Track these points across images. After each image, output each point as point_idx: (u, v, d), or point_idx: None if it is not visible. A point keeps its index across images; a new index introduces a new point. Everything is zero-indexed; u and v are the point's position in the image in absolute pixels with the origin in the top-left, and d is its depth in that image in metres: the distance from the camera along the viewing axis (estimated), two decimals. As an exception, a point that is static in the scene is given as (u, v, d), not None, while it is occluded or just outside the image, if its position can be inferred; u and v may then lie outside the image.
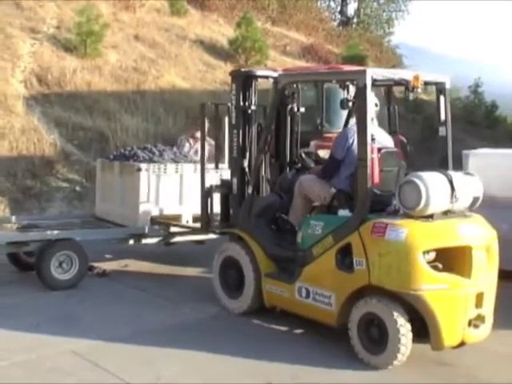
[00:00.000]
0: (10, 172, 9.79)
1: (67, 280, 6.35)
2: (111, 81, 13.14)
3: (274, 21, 22.95)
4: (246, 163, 5.94)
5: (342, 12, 33.07)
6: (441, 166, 5.21)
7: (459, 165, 7.42)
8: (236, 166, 6.00)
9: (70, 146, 10.97)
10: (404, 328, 4.46)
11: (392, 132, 8.24)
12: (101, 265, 7.12)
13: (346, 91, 5.70)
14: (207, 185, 6.45)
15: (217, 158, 6.83)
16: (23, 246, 6.52)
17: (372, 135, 4.73)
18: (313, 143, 8.03)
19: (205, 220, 6.41)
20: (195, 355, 4.77)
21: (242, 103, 5.96)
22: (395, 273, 4.45)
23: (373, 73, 4.81)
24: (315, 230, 5.00)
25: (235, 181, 5.97)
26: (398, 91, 10.36)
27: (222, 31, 19.02)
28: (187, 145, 9.15)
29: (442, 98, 5.32)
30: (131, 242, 7.02)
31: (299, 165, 6.12)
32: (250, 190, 5.77)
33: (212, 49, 17.25)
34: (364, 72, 4.79)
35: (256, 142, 5.97)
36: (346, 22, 31.91)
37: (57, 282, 6.30)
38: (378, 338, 4.57)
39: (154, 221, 7.05)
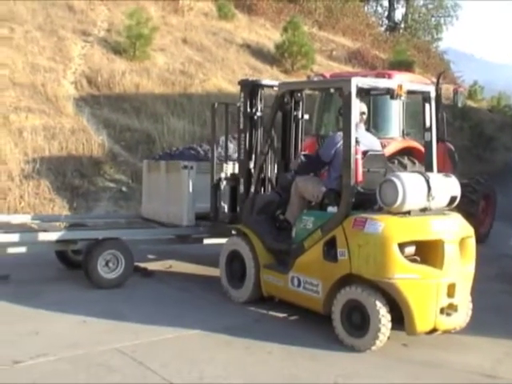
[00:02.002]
0: (60, 171, 10.01)
1: (113, 279, 6.46)
2: (159, 83, 13.34)
3: (320, 25, 22.95)
4: (251, 165, 6.48)
5: (389, 17, 32.84)
6: (426, 168, 5.65)
7: (508, 173, 7.30)
8: (243, 168, 6.57)
9: (118, 147, 11.16)
10: (383, 313, 4.84)
11: (440, 139, 8.14)
12: (145, 265, 7.21)
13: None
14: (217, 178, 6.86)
15: (226, 155, 7.06)
16: (71, 244, 6.65)
17: (356, 138, 5.18)
18: None
19: (214, 211, 6.86)
20: (239, 357, 4.79)
21: (248, 110, 6.51)
22: (372, 262, 4.88)
23: (358, 81, 5.24)
24: (307, 225, 5.50)
25: (242, 181, 6.51)
26: (445, 98, 10.24)
27: (268, 35, 19.11)
28: (231, 146, 9.18)
29: (427, 106, 5.71)
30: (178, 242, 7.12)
31: None
32: (252, 188, 6.28)
33: (258, 53, 17.34)
34: (349, 81, 5.21)
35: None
36: (393, 27, 31.67)
37: (103, 281, 6.41)
38: (359, 322, 4.97)
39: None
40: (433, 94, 5.73)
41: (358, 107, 5.40)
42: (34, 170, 9.73)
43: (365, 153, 5.43)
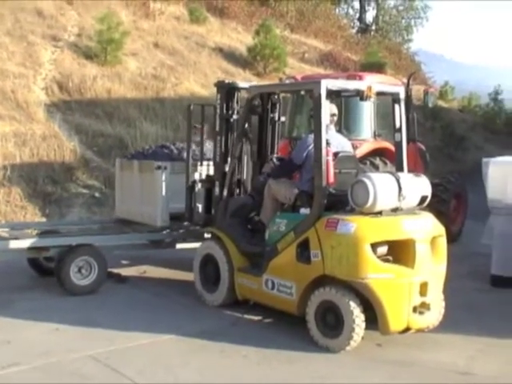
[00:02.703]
0: (31, 178, 9.90)
1: (86, 285, 6.40)
2: (131, 88, 13.27)
3: (292, 28, 23.02)
4: (227, 168, 6.41)
5: (360, 19, 33.07)
6: (397, 169, 5.70)
7: (479, 172, 7.39)
8: (218, 170, 6.52)
9: (90, 152, 11.08)
10: (357, 313, 4.88)
11: (411, 140, 8.21)
12: (119, 271, 7.16)
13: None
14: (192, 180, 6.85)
15: (201, 156, 7.01)
16: (43, 252, 6.58)
17: (327, 140, 5.23)
18: None
19: (188, 212, 6.84)
20: (214, 362, 4.79)
21: (225, 112, 6.48)
22: (345, 263, 4.91)
23: (327, 83, 5.28)
24: (280, 227, 5.53)
25: (217, 183, 6.47)
26: (416, 99, 10.34)
27: (240, 39, 19.12)
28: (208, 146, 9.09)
29: (396, 107, 5.74)
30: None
31: None
32: (225, 192, 6.27)
33: (231, 56, 17.35)
34: (319, 83, 5.25)
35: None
36: (364, 29, 31.90)
37: (76, 288, 6.35)
38: (333, 323, 4.99)
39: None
40: (402, 95, 5.77)
41: (328, 109, 5.42)
42: (5, 177, 9.61)
43: (336, 154, 5.47)
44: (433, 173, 8.79)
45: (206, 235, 6.87)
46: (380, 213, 5.01)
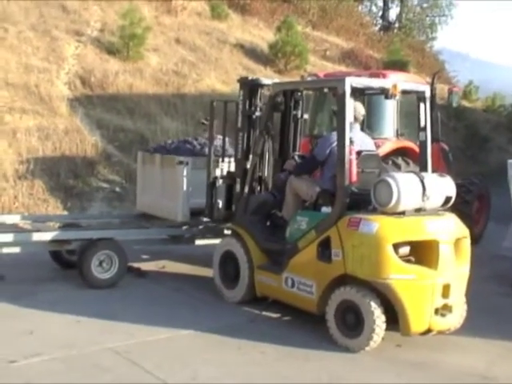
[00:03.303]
0: (53, 172, 9.98)
1: (107, 279, 6.45)
2: (152, 83, 13.31)
3: (314, 25, 22.93)
4: (248, 164, 6.34)
5: (383, 17, 32.86)
6: (421, 168, 5.64)
7: (502, 174, 7.32)
8: (239, 167, 6.49)
9: (111, 147, 11.14)
10: (378, 314, 4.83)
11: (434, 139, 8.15)
12: (139, 265, 7.20)
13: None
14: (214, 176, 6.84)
15: (223, 152, 7.02)
16: (65, 245, 6.64)
17: (350, 138, 5.18)
18: None
19: (209, 209, 6.82)
20: (232, 358, 4.80)
21: (247, 109, 6.48)
22: (367, 263, 4.87)
23: (352, 81, 5.25)
24: (301, 225, 5.49)
25: (238, 180, 6.43)
26: (439, 98, 10.25)
27: (262, 35, 19.09)
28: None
29: (421, 106, 5.67)
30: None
31: None
32: (246, 189, 6.22)
33: (252, 53, 17.33)
34: (343, 80, 5.21)
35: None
36: (387, 26, 31.69)
37: (97, 281, 6.41)
38: (353, 323, 4.95)
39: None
40: (428, 94, 5.70)
41: (352, 107, 5.38)
42: (28, 171, 9.71)
43: (359, 153, 5.43)
44: (455, 173, 8.70)
45: (226, 232, 6.89)
46: (403, 213, 4.97)
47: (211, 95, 13.58)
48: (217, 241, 6.96)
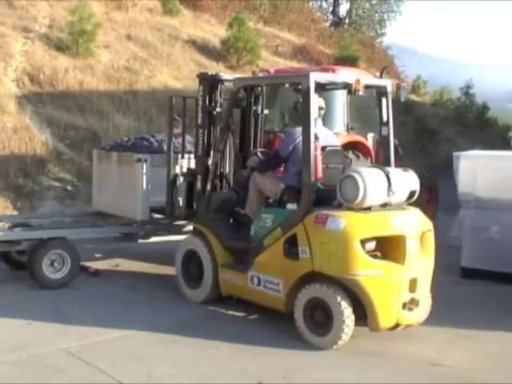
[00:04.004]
0: (2, 171, 9.77)
1: (59, 279, 6.36)
2: (103, 80, 13.14)
3: (265, 21, 22.98)
4: (209, 161, 6.28)
5: (333, 12, 33.12)
6: (384, 163, 5.63)
7: (451, 166, 7.49)
8: (200, 164, 6.38)
9: (62, 145, 10.96)
10: (347, 310, 4.83)
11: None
12: (92, 264, 7.12)
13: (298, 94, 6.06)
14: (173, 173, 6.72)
15: (182, 149, 6.87)
16: (15, 245, 6.52)
17: (315, 134, 5.15)
18: None
19: (170, 207, 6.69)
20: (187, 355, 4.80)
21: (208, 105, 6.36)
22: (335, 259, 4.86)
23: (316, 76, 5.23)
24: (266, 223, 5.44)
25: (199, 177, 6.34)
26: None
27: (214, 31, 19.05)
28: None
29: (383, 101, 5.69)
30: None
31: None
32: (208, 186, 6.13)
33: (204, 49, 17.27)
34: (307, 76, 5.19)
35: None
36: (338, 22, 31.95)
37: (49, 281, 6.31)
38: (322, 320, 4.93)
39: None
40: (389, 89, 5.69)
41: (316, 102, 5.34)
42: (-25, 170, 9.49)
43: (323, 148, 5.39)
44: (406, 166, 8.86)
45: (185, 230, 6.86)
46: (369, 208, 4.96)
47: (164, 91, 13.50)
48: (172, 238, 6.95)
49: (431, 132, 18.50)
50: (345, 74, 7.24)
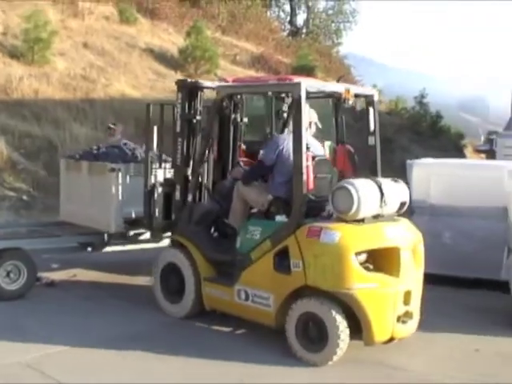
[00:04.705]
0: (-45, 181, 9.60)
1: (15, 290, 6.25)
2: (59, 88, 13.03)
3: (224, 30, 23.05)
4: (189, 171, 6.07)
5: (291, 22, 33.44)
6: (371, 173, 5.55)
7: (404, 174, 7.64)
8: (179, 174, 6.15)
9: (17, 154, 10.80)
10: (342, 325, 4.68)
11: (340, 142, 8.39)
12: (49, 275, 7.03)
13: (282, 102, 6.07)
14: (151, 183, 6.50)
15: (160, 158, 6.65)
16: (-31, 257, 6.39)
17: (307, 144, 5.03)
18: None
19: (148, 218, 6.47)
20: (144, 363, 4.78)
21: (187, 113, 6.13)
22: (329, 273, 4.69)
23: (307, 85, 5.08)
24: (253, 235, 5.22)
25: (178, 188, 6.10)
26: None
27: (172, 40, 19.05)
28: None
29: (370, 110, 5.58)
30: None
31: None
32: (189, 197, 5.91)
33: (162, 57, 17.26)
34: (299, 84, 5.02)
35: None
36: (295, 32, 32.27)
37: (4, 293, 6.20)
38: (316, 336, 4.78)
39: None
40: (376, 98, 5.61)
41: (307, 111, 5.19)
42: None
43: (312, 158, 5.24)
44: (361, 175, 9.00)
45: (142, 239, 6.72)
46: (362, 220, 4.83)
47: (121, 100, 13.46)
48: (130, 247, 6.90)
49: (387, 140, 18.78)
50: (332, 84, 7.06)
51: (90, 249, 6.96)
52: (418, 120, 23.32)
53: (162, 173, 6.58)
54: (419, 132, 22.71)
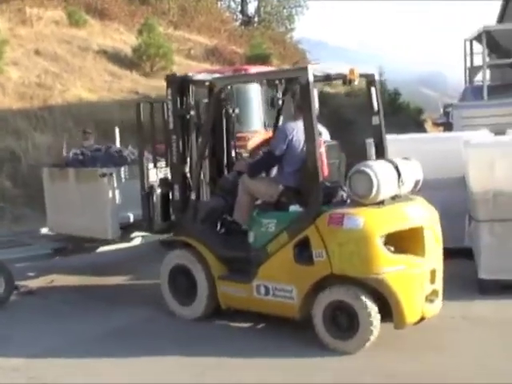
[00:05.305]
0: None
1: (-7, 301, 6.29)
2: (16, 98, 12.94)
3: (175, 25, 23.01)
4: (187, 169, 5.93)
5: (242, 12, 33.43)
6: (377, 153, 5.48)
7: (364, 153, 7.85)
8: (176, 173, 5.97)
9: (-21, 167, 10.75)
10: (373, 311, 4.60)
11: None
12: (26, 283, 7.07)
13: (275, 90, 5.90)
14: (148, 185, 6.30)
15: (154, 158, 6.49)
16: None
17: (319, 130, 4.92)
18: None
19: (148, 221, 6.28)
20: (128, 359, 4.86)
21: (179, 108, 5.95)
22: (357, 259, 4.59)
23: (314, 69, 4.96)
24: (268, 228, 5.07)
25: (177, 187, 5.94)
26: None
27: (124, 39, 18.98)
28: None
29: (373, 89, 5.43)
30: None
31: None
32: (193, 196, 5.71)
33: (116, 58, 17.20)
34: (306, 69, 4.89)
35: (196, 146, 5.96)
36: (247, 21, 32.29)
37: (-17, 305, 6.23)
38: (346, 324, 4.69)
39: None
40: (377, 77, 5.51)
41: (316, 97, 5.00)
42: None
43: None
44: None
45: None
46: (382, 202, 4.74)
47: (79, 105, 13.43)
48: (103, 249, 6.95)
49: (347, 122, 19.06)
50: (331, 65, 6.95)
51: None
52: (376, 99, 23.64)
53: (155, 173, 6.39)
54: (378, 110, 23.02)
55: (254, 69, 8.83)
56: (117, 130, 6.85)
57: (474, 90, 10.65)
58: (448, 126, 12.57)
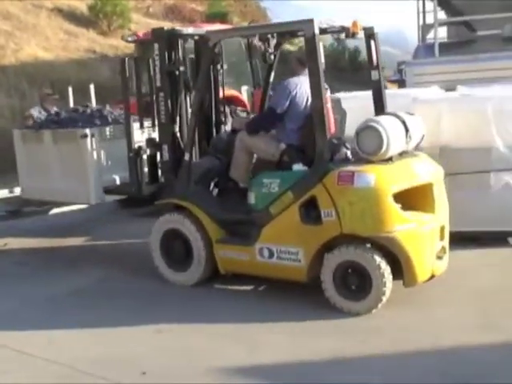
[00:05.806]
0: None
1: None
2: (-33, 58, 12.60)
3: (133, -18, 22.50)
4: (177, 128, 5.67)
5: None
6: (376, 108, 5.29)
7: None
8: (165, 132, 5.69)
9: None
10: (386, 271, 4.49)
11: (257, 85, 8.54)
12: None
13: (266, 44, 5.65)
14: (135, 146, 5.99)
15: (141, 118, 6.16)
16: None
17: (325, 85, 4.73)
18: None
19: (136, 185, 5.98)
20: (85, 319, 4.88)
21: (167, 64, 5.64)
22: (368, 218, 4.46)
23: (319, 22, 4.76)
24: (270, 189, 4.86)
25: (166, 147, 5.67)
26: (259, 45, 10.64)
27: (79, -4, 18.51)
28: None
29: (372, 43, 5.20)
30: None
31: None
32: (186, 156, 5.41)
33: (72, 16, 16.82)
34: (312, 22, 4.65)
35: (185, 105, 5.72)
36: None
37: None
38: (358, 285, 4.56)
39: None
40: (376, 31, 5.21)
41: (322, 50, 4.79)
42: None
43: None
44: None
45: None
46: (390, 159, 4.60)
47: (34, 64, 13.14)
48: (56, 211, 6.88)
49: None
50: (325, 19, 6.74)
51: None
52: (338, 57, 23.65)
53: (140, 134, 6.09)
54: (340, 69, 23.06)
55: (208, 27, 8.71)
56: (70, 90, 6.67)
57: (426, 48, 10.69)
58: (402, 84, 12.61)
